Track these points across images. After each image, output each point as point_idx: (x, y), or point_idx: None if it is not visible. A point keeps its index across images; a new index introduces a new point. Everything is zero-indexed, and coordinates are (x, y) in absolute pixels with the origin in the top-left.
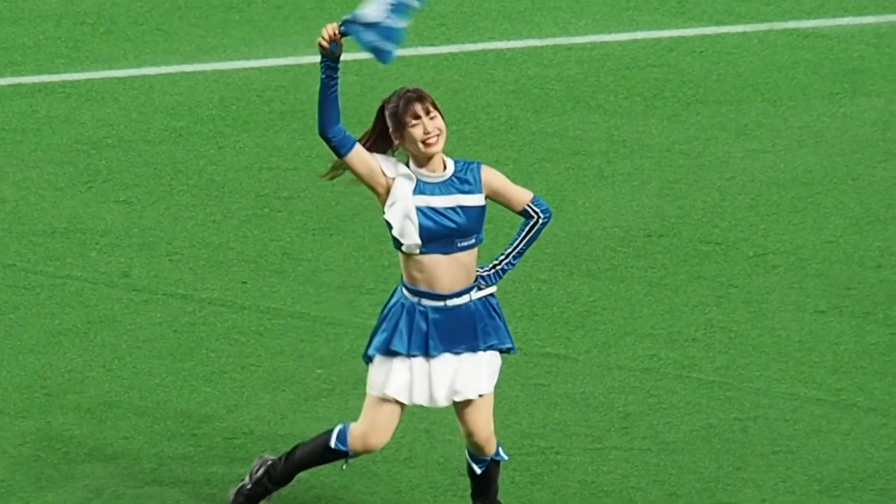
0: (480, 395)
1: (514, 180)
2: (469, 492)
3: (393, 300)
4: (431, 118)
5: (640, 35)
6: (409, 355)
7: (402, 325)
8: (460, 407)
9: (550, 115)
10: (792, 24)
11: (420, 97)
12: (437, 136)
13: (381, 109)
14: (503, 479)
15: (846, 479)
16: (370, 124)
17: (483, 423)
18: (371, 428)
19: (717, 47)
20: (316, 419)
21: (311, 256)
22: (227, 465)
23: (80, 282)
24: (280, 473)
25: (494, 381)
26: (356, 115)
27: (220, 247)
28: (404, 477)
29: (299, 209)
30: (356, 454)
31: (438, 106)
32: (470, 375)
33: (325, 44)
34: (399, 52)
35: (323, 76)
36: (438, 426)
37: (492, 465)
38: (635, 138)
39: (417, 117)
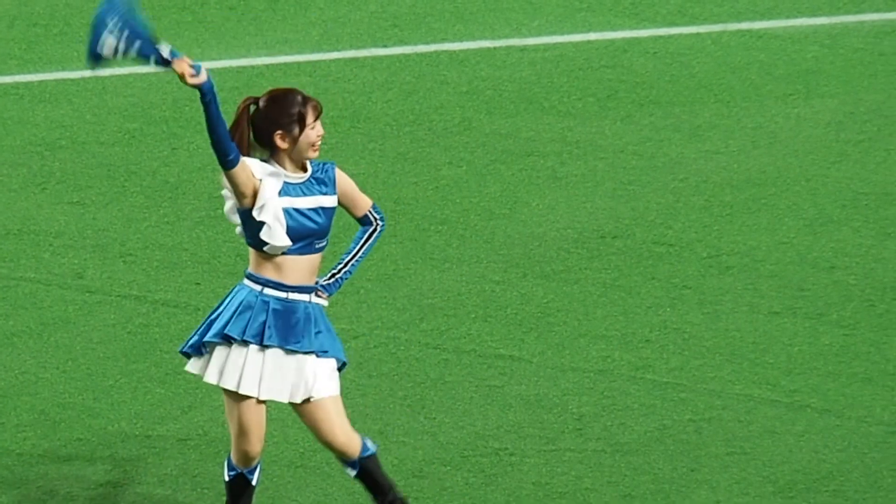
0: (328, 396)
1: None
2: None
3: (233, 290)
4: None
5: (593, 36)
6: (243, 342)
7: (241, 312)
8: (310, 417)
9: (503, 117)
10: (745, 25)
11: (314, 101)
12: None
13: (248, 111)
14: (457, 480)
15: (800, 481)
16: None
17: (338, 427)
18: (238, 432)
19: (671, 48)
20: (268, 420)
21: None
22: (181, 466)
23: (34, 283)
24: None
25: (337, 389)
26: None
27: (174, 248)
28: None
29: None
30: (247, 468)
31: None
32: (311, 377)
33: (197, 81)
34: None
35: (207, 101)
36: (392, 427)
37: (367, 462)
38: (589, 139)
39: (315, 120)
